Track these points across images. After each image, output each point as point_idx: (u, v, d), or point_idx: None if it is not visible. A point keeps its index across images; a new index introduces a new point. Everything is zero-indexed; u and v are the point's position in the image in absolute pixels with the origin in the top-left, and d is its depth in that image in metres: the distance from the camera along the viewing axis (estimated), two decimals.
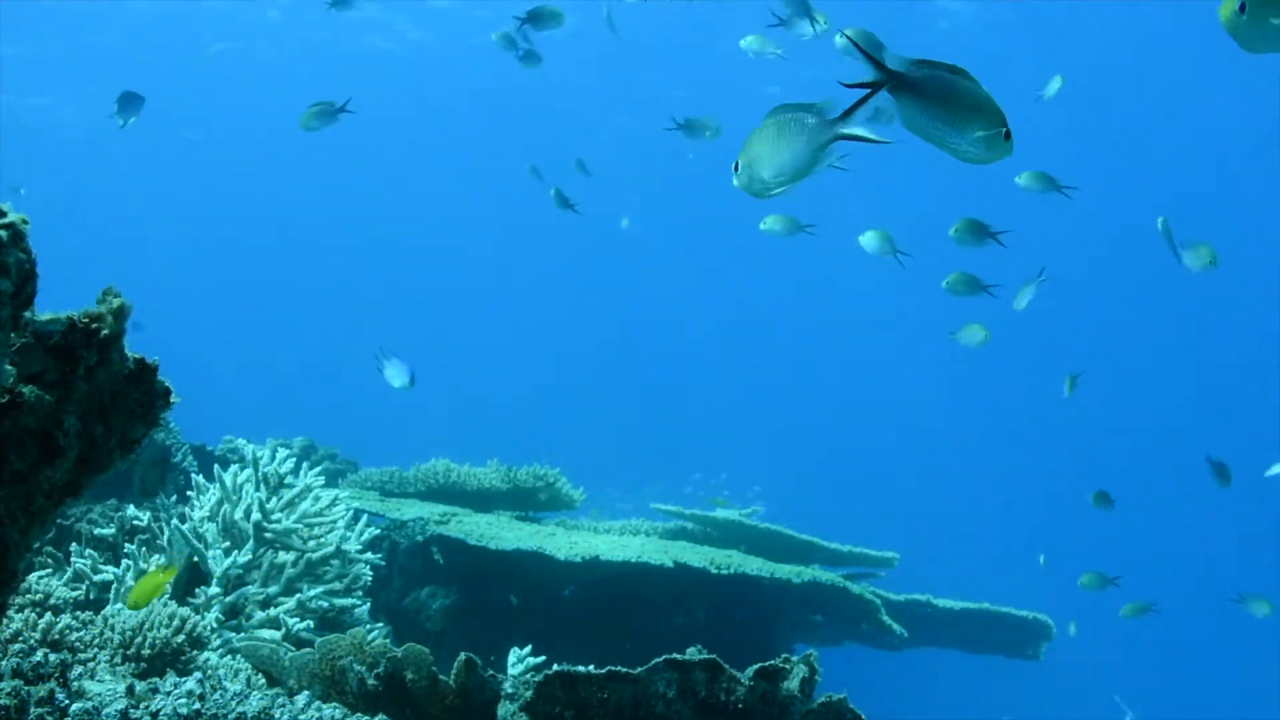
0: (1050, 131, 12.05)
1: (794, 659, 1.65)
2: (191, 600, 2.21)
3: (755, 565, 3.32)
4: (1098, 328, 17.11)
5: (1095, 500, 4.38)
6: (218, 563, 2.28)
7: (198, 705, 1.35)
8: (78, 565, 2.16)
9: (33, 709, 1.24)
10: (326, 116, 3.44)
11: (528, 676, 1.59)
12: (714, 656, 1.59)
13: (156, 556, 2.29)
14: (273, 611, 2.27)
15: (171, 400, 1.10)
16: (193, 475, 2.78)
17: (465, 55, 12.57)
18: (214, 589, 2.23)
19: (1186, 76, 11.91)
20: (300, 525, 2.45)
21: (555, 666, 1.59)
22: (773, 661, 1.62)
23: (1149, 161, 13.76)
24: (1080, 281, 15.84)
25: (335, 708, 1.48)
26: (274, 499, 2.44)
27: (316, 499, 2.52)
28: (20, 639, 1.71)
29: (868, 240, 3.45)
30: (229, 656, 1.97)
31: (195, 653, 1.90)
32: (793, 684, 1.60)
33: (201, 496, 2.52)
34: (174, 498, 2.68)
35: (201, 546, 2.29)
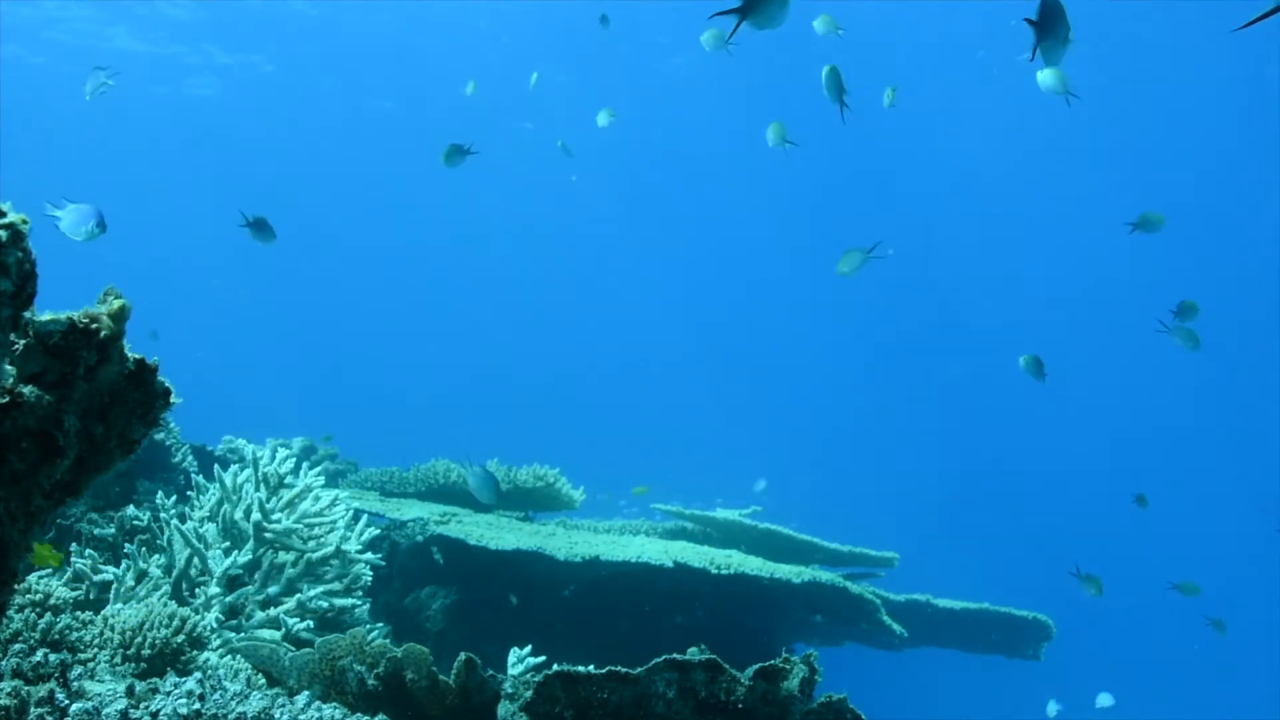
0: (1048, 131, 12.06)
1: (794, 659, 1.64)
2: (191, 600, 2.21)
3: (755, 565, 3.32)
4: (1099, 328, 17.13)
5: (1136, 502, 5.04)
6: (217, 563, 2.28)
7: (198, 705, 1.35)
8: (78, 565, 2.16)
9: (33, 709, 1.24)
10: (458, 156, 3.72)
11: (528, 676, 1.59)
12: (714, 656, 1.59)
13: (156, 556, 2.29)
14: (273, 611, 2.27)
15: (171, 400, 1.10)
16: (193, 475, 2.78)
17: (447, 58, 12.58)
18: (214, 589, 2.23)
19: (1183, 77, 11.89)
20: (300, 525, 2.45)
21: (555, 666, 1.59)
22: (773, 661, 1.62)
23: (1151, 160, 13.76)
24: (1083, 283, 15.83)
25: (335, 708, 1.48)
26: (274, 499, 2.44)
27: (316, 499, 2.52)
28: (20, 639, 1.71)
29: (770, 133, 3.71)
30: (229, 656, 1.97)
31: (195, 653, 1.90)
32: (793, 684, 1.60)
33: (201, 497, 2.51)
34: (174, 498, 2.69)
35: (201, 547, 2.28)
